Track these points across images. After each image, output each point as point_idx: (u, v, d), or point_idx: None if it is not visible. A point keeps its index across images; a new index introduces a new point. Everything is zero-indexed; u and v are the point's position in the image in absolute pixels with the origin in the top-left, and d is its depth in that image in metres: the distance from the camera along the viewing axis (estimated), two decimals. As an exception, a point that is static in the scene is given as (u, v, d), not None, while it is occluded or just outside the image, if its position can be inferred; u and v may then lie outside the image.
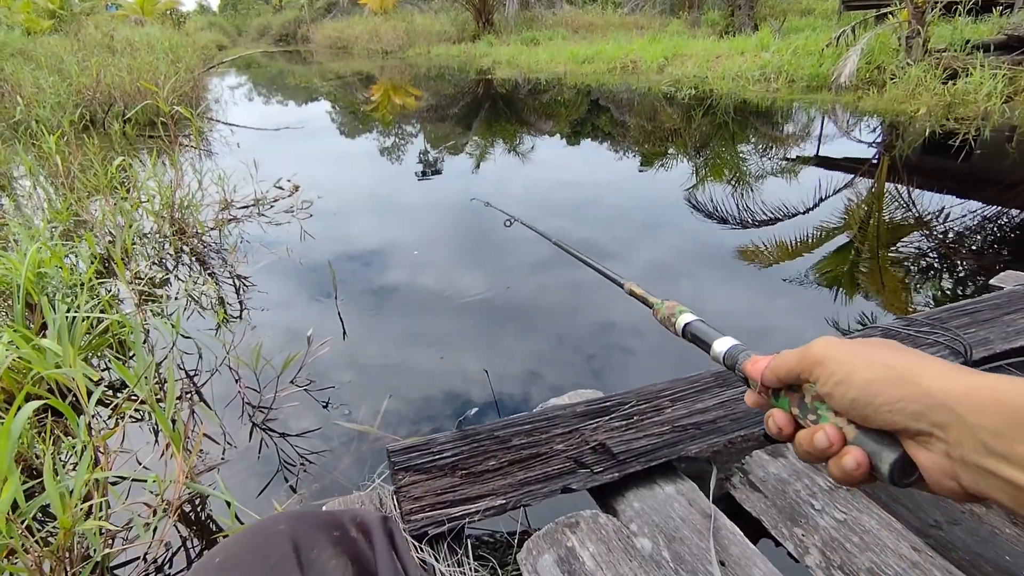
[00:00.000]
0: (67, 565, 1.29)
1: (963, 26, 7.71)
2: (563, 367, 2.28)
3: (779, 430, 0.47)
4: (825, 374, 0.42)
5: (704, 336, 0.57)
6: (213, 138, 6.78)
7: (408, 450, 1.20)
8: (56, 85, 6.54)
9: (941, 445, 0.36)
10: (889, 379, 0.39)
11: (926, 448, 0.37)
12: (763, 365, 0.48)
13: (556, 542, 1.06)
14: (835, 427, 0.42)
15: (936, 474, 0.37)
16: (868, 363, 0.40)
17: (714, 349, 0.54)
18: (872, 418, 0.39)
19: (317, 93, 12.13)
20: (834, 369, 0.42)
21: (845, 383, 0.41)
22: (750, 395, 0.51)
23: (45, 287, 2.38)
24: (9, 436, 1.20)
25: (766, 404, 0.49)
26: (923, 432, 0.37)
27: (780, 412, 0.47)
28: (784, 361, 0.46)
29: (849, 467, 0.40)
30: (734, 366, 0.52)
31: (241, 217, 3.96)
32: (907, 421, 0.37)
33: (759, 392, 0.49)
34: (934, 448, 0.37)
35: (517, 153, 6.31)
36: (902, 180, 4.43)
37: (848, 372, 0.41)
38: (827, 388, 0.42)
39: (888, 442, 0.39)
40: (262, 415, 2.03)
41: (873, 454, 0.39)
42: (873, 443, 0.40)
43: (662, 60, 10.67)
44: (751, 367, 0.50)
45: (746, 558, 1.07)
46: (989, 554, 1.10)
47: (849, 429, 0.41)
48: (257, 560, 0.52)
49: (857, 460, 0.40)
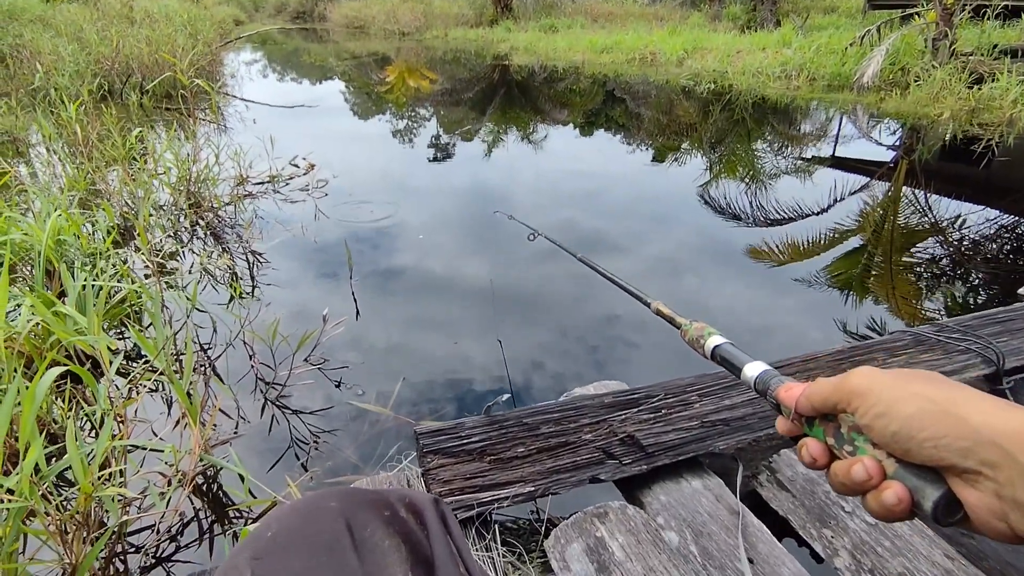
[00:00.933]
0: (85, 530, 1.29)
1: (991, 30, 7.59)
2: (576, 357, 2.26)
3: (813, 460, 0.45)
4: (865, 405, 0.41)
5: (734, 360, 0.55)
6: (229, 113, 6.74)
7: (436, 433, 1.19)
8: (75, 53, 6.51)
9: (991, 484, 0.35)
10: (934, 413, 0.37)
11: (974, 487, 0.36)
12: (797, 392, 0.47)
13: (585, 531, 1.05)
14: (874, 460, 0.40)
15: (984, 514, 0.35)
16: (911, 395, 0.39)
17: (744, 373, 0.53)
18: (915, 453, 0.38)
19: (332, 72, 12.06)
20: (875, 401, 0.40)
21: (887, 415, 0.39)
22: (782, 422, 0.49)
23: (64, 255, 2.38)
24: (34, 400, 1.19)
25: (798, 432, 0.47)
26: (971, 470, 0.35)
27: (815, 442, 0.45)
28: (820, 389, 0.44)
29: (889, 502, 0.38)
30: (765, 391, 0.50)
31: (256, 193, 3.95)
32: (953, 458, 0.36)
33: (792, 419, 0.48)
34: (983, 487, 0.35)
35: (530, 141, 6.26)
36: (920, 185, 4.38)
37: (890, 404, 0.39)
38: (867, 420, 0.40)
39: (932, 478, 0.37)
40: (275, 392, 2.02)
41: (915, 490, 0.38)
42: (915, 479, 0.38)
43: (682, 53, 10.55)
44: (784, 394, 0.48)
45: (774, 557, 1.06)
46: (1021, 564, 1.08)
47: (889, 463, 0.39)
48: (311, 536, 0.51)
49: (898, 495, 0.38)
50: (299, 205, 3.80)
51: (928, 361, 1.60)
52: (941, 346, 1.64)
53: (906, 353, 1.63)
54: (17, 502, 1.12)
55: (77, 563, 1.21)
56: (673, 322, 0.65)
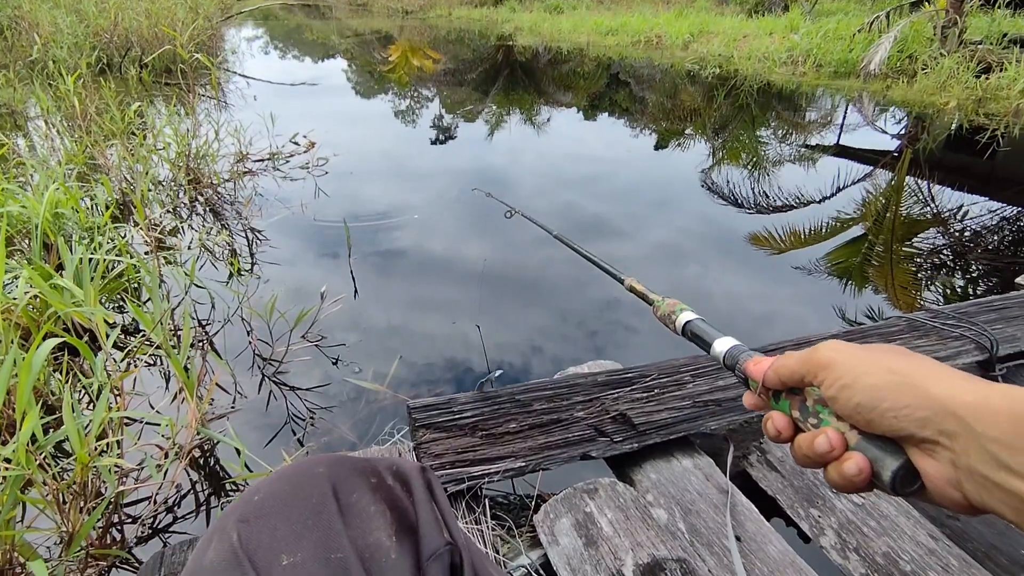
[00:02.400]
0: (81, 500, 1.30)
1: (1001, 18, 7.49)
2: (572, 338, 2.27)
3: (778, 432, 0.45)
4: (830, 377, 0.41)
5: (704, 335, 0.55)
6: (229, 90, 6.69)
7: (428, 408, 1.19)
8: (74, 26, 6.43)
9: (947, 454, 0.35)
10: (896, 384, 0.37)
11: (931, 456, 0.36)
12: (765, 366, 0.47)
13: (574, 507, 1.06)
14: (837, 432, 0.40)
15: (940, 483, 0.36)
16: (875, 368, 0.39)
17: (714, 348, 0.53)
18: (876, 423, 0.38)
19: (335, 50, 11.95)
20: (840, 373, 0.40)
21: (850, 387, 0.39)
22: (749, 396, 0.49)
23: (62, 228, 2.37)
24: (30, 371, 1.20)
25: (765, 406, 0.48)
26: (928, 440, 0.36)
27: (779, 415, 0.45)
28: (787, 362, 0.44)
29: (850, 473, 0.39)
30: (734, 366, 0.50)
31: (256, 170, 3.93)
32: (912, 428, 0.36)
33: (759, 393, 0.48)
34: (939, 457, 0.36)
35: (533, 124, 6.22)
36: (923, 175, 4.35)
37: (855, 376, 0.39)
38: (832, 392, 0.41)
39: (891, 449, 0.38)
40: (272, 368, 2.03)
41: (875, 460, 0.38)
42: (876, 449, 0.38)
43: (687, 36, 10.42)
44: (752, 367, 0.48)
45: (761, 535, 1.07)
46: (1005, 547, 1.09)
47: (852, 435, 0.40)
48: (298, 501, 0.51)
49: (859, 466, 0.39)
50: (299, 183, 3.79)
51: (922, 347, 1.60)
52: (936, 332, 1.64)
53: (901, 339, 1.64)
54: (14, 471, 1.13)
55: (74, 531, 1.23)
56: (646, 298, 0.65)
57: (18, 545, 1.16)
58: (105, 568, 1.30)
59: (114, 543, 1.36)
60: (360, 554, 0.48)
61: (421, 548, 0.51)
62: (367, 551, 0.49)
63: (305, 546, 0.47)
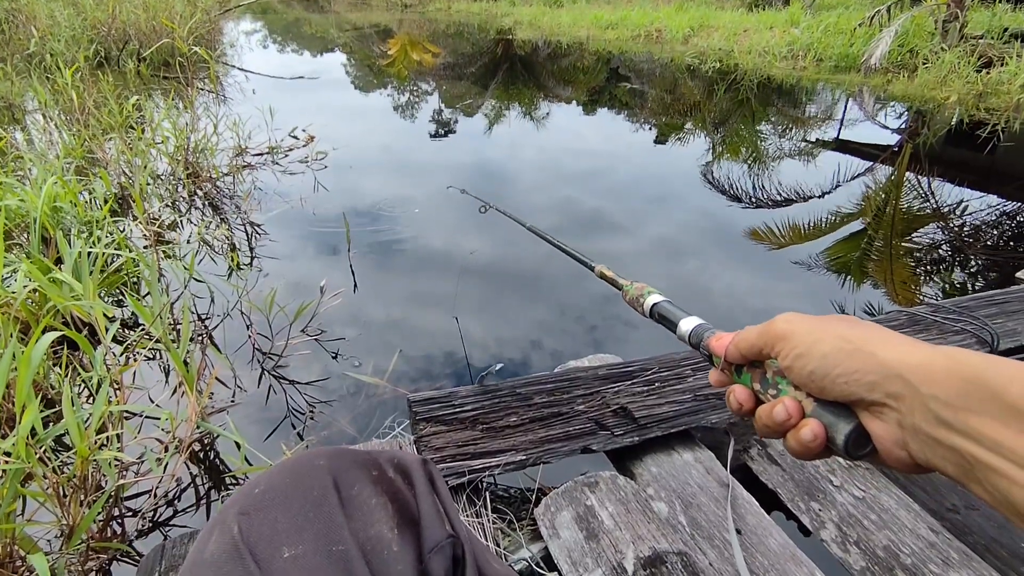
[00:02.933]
0: (82, 493, 1.30)
1: (1002, 13, 7.47)
2: (573, 332, 2.27)
3: (740, 405, 0.46)
4: (786, 348, 0.42)
5: (671, 316, 0.56)
6: (228, 83, 6.66)
7: (429, 401, 1.19)
8: (71, 19, 6.40)
9: (893, 415, 0.36)
10: (847, 351, 0.39)
11: (879, 418, 0.37)
12: (727, 341, 0.48)
13: (575, 500, 1.06)
14: (794, 400, 0.41)
15: (887, 444, 0.37)
16: (827, 336, 0.40)
17: (680, 328, 0.54)
18: (829, 389, 0.39)
19: (333, 44, 11.89)
20: (795, 343, 0.41)
21: (804, 356, 0.41)
22: (713, 373, 0.50)
23: (60, 222, 2.37)
24: (30, 364, 1.20)
25: (728, 381, 0.48)
26: (877, 402, 0.37)
27: (741, 388, 0.46)
28: (747, 336, 0.46)
29: (806, 439, 0.40)
30: (699, 344, 0.51)
31: (255, 164, 3.92)
32: (862, 391, 0.38)
33: (721, 369, 0.49)
34: (887, 418, 0.37)
35: (532, 118, 6.20)
36: (923, 170, 4.34)
37: (809, 345, 0.41)
38: (787, 361, 0.42)
39: (844, 414, 0.39)
40: (272, 362, 2.03)
41: (829, 425, 0.39)
42: (830, 415, 0.39)
43: (688, 30, 10.39)
44: (715, 343, 0.49)
45: (762, 528, 1.08)
46: (1005, 539, 1.10)
47: (808, 402, 0.41)
48: (299, 493, 0.51)
49: (814, 432, 0.40)
50: (298, 177, 3.78)
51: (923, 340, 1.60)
52: (937, 326, 1.64)
53: (901, 332, 1.63)
54: (14, 464, 1.12)
55: (75, 525, 1.23)
56: (615, 284, 0.66)
57: (19, 538, 1.16)
58: (106, 561, 1.30)
59: (114, 536, 1.36)
60: (362, 546, 0.48)
61: (423, 540, 0.51)
62: (368, 543, 0.49)
63: (306, 538, 0.47)
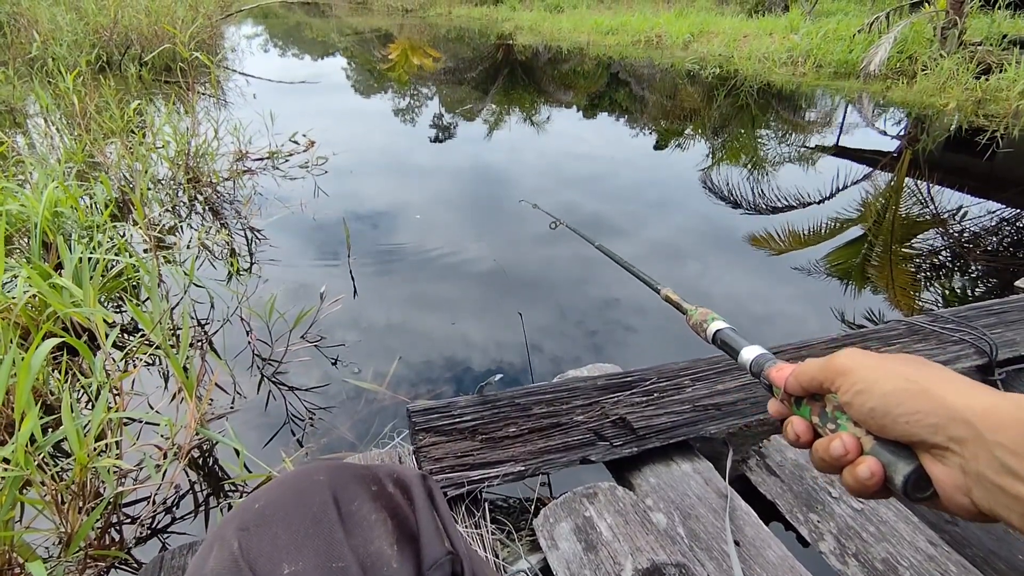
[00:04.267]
0: (80, 501, 1.30)
1: (1001, 19, 7.49)
2: (573, 339, 2.27)
3: (796, 437, 0.46)
4: (847, 383, 0.42)
5: (733, 344, 0.57)
6: (229, 88, 6.67)
7: (428, 411, 1.19)
8: (73, 23, 6.42)
9: (957, 459, 0.36)
10: (910, 391, 0.38)
11: (942, 462, 0.37)
12: (787, 372, 0.48)
13: (574, 511, 1.06)
14: (852, 436, 0.41)
15: (950, 489, 0.36)
16: (890, 375, 0.40)
17: (741, 356, 0.54)
18: (890, 428, 0.39)
19: (334, 48, 11.92)
20: (855, 379, 0.41)
21: (865, 392, 0.40)
22: (772, 403, 0.50)
23: (61, 227, 2.37)
24: (29, 371, 1.20)
25: (787, 412, 0.48)
26: (939, 446, 0.36)
27: (800, 420, 0.46)
28: (808, 369, 0.45)
29: (863, 476, 0.40)
30: (759, 373, 0.51)
31: (255, 169, 3.92)
32: (924, 433, 0.37)
33: (781, 399, 0.49)
34: (950, 463, 0.36)
35: (533, 123, 6.21)
36: (923, 176, 4.35)
37: (870, 382, 0.40)
38: (848, 397, 0.41)
39: (905, 455, 0.38)
40: (272, 368, 2.03)
41: (888, 465, 0.39)
42: (889, 454, 0.39)
43: (688, 36, 10.42)
44: (775, 374, 0.49)
45: (760, 540, 1.08)
46: (1003, 552, 1.10)
47: (867, 440, 0.40)
48: (299, 509, 0.51)
49: (871, 470, 0.39)
50: (298, 182, 3.78)
51: (922, 350, 1.60)
52: (936, 336, 1.64)
53: (900, 342, 1.64)
54: (13, 471, 1.12)
55: (73, 532, 1.23)
56: (680, 308, 0.67)
57: (17, 545, 1.16)
58: (104, 569, 1.30)
59: (113, 544, 1.36)
60: (362, 563, 0.48)
61: (422, 557, 0.51)
62: (368, 560, 0.49)
63: (306, 555, 0.47)
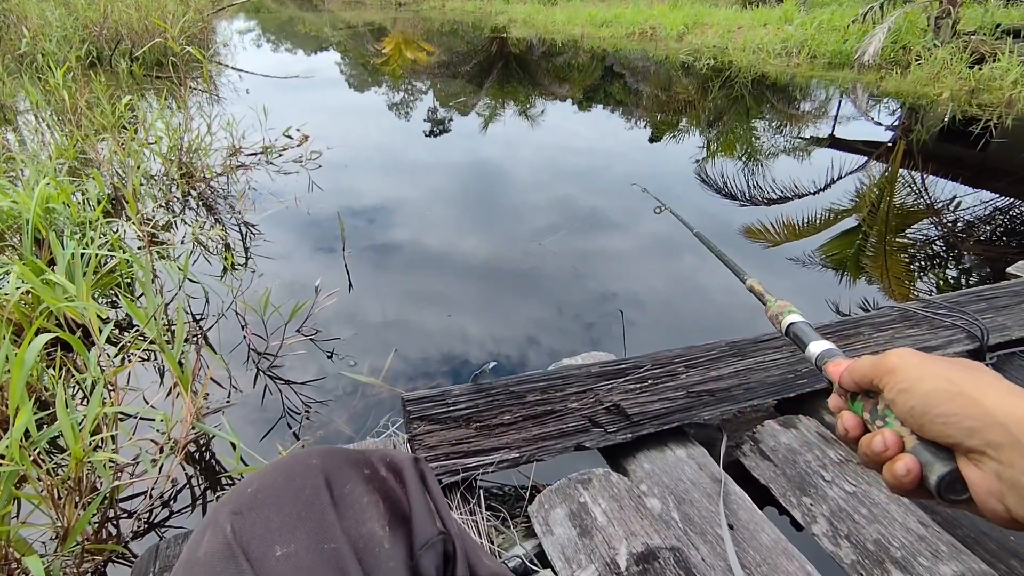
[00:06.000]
0: (76, 495, 1.30)
1: (994, 9, 7.50)
2: (566, 332, 2.27)
3: (845, 431, 0.47)
4: (892, 381, 0.43)
5: (803, 337, 0.58)
6: (221, 83, 6.64)
7: (423, 400, 1.20)
8: (63, 18, 6.37)
9: (993, 464, 0.36)
10: (950, 392, 0.39)
11: (977, 467, 0.37)
12: (843, 368, 0.49)
13: (568, 497, 1.07)
14: (895, 433, 0.42)
15: (984, 494, 0.36)
16: (933, 376, 0.41)
17: (808, 350, 0.55)
18: (928, 428, 0.39)
19: (327, 43, 11.86)
20: (901, 378, 0.42)
21: (908, 392, 0.41)
22: (833, 397, 0.51)
23: (53, 223, 2.36)
24: (23, 366, 1.20)
25: (844, 406, 0.50)
26: (975, 449, 0.37)
27: (850, 415, 0.48)
28: (860, 366, 0.46)
29: (899, 473, 0.40)
30: (821, 368, 0.53)
31: (249, 164, 3.91)
32: (961, 436, 0.37)
33: (838, 394, 0.50)
34: (985, 467, 0.36)
35: (527, 116, 6.20)
36: (917, 166, 4.36)
37: (913, 381, 0.41)
38: (892, 395, 0.42)
39: (943, 456, 0.39)
40: (267, 362, 2.03)
41: (925, 464, 0.39)
42: (928, 454, 0.39)
43: (682, 28, 10.40)
44: (832, 369, 0.50)
45: (754, 523, 1.08)
46: (994, 533, 1.11)
47: (910, 439, 0.41)
48: (291, 492, 0.51)
49: (908, 467, 0.40)
50: (292, 177, 3.77)
51: (914, 336, 1.61)
52: (927, 321, 1.65)
53: (892, 328, 1.65)
54: (8, 466, 1.12)
55: (70, 526, 1.23)
56: (762, 299, 0.70)
57: (13, 541, 1.16)
58: (101, 563, 1.30)
59: (110, 538, 1.37)
60: (354, 544, 0.49)
61: (414, 538, 0.51)
62: (360, 541, 0.49)
63: (299, 537, 0.47)
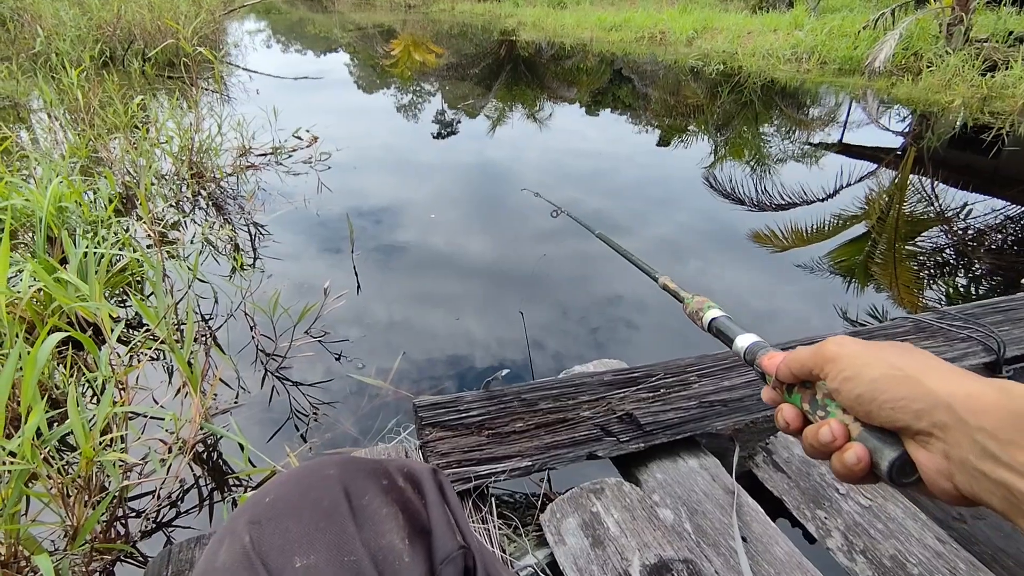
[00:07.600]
0: (86, 494, 1.30)
1: (1008, 16, 7.45)
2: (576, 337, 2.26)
3: (787, 424, 0.47)
4: (835, 370, 0.42)
5: (728, 331, 0.57)
6: (231, 83, 6.67)
7: (435, 406, 1.19)
8: (76, 18, 6.42)
9: (940, 445, 0.36)
10: (895, 377, 0.39)
11: (925, 448, 0.37)
12: (778, 360, 0.48)
13: (581, 506, 1.06)
14: (840, 423, 0.42)
15: (933, 474, 0.37)
16: (876, 362, 0.41)
17: (736, 344, 0.55)
18: (875, 415, 0.39)
19: (337, 44, 11.91)
20: (843, 366, 0.42)
21: (853, 379, 0.41)
22: (766, 391, 0.50)
23: (65, 222, 2.37)
24: (35, 365, 1.20)
25: (779, 399, 0.49)
26: (923, 431, 0.37)
27: (790, 407, 0.47)
28: (797, 356, 0.46)
29: (849, 462, 0.40)
30: (753, 361, 0.52)
31: (259, 165, 3.92)
32: (908, 419, 0.37)
33: (773, 387, 0.49)
34: (933, 448, 0.37)
35: (536, 119, 6.20)
36: (927, 173, 4.33)
37: (857, 369, 0.41)
38: (835, 384, 0.42)
39: (890, 440, 0.39)
40: (276, 363, 2.03)
41: (874, 451, 0.39)
42: (875, 440, 0.40)
43: (692, 32, 10.39)
44: (767, 362, 0.50)
45: (767, 536, 1.07)
46: (1011, 549, 1.09)
47: (855, 427, 0.41)
48: (309, 503, 0.51)
49: (858, 455, 0.40)
50: (301, 178, 3.78)
51: (929, 348, 1.60)
52: (942, 333, 1.63)
53: (907, 340, 1.63)
54: (19, 465, 1.13)
55: (78, 525, 1.23)
56: (677, 296, 0.68)
57: (23, 539, 1.16)
58: (109, 562, 1.30)
59: (118, 537, 1.37)
60: (373, 556, 0.48)
61: (434, 551, 0.51)
62: (380, 553, 0.48)
63: (318, 548, 0.47)
